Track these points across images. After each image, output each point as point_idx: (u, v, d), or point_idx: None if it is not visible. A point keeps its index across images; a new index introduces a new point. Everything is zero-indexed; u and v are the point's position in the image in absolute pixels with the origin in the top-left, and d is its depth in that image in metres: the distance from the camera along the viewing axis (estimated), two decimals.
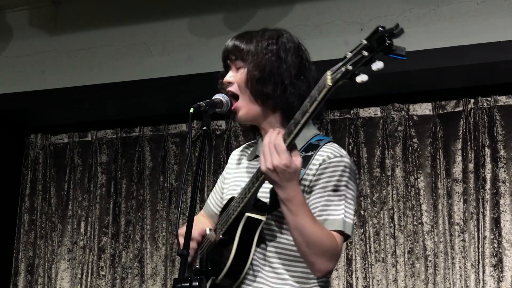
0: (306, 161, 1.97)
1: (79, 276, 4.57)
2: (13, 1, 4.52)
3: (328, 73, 1.71)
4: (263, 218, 1.93)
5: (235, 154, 2.31)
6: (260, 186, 1.92)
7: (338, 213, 1.89)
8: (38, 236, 4.72)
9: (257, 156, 2.12)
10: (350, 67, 1.64)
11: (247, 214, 1.92)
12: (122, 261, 4.51)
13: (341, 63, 1.68)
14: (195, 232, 2.09)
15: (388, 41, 1.56)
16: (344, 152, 2.00)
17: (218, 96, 2.09)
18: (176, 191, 4.54)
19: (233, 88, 2.07)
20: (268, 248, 1.98)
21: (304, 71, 2.06)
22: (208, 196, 2.43)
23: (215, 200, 2.31)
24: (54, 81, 4.45)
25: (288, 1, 4.11)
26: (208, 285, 2.02)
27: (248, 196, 1.93)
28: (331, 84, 1.70)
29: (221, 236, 2.01)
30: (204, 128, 1.98)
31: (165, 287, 4.35)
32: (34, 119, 4.81)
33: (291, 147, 1.81)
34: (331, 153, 1.96)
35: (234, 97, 2.05)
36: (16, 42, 4.63)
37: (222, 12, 4.17)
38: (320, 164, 1.95)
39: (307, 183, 1.97)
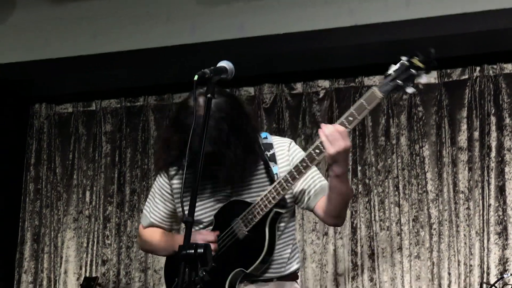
0: (273, 158, 2.43)
1: (85, 245, 4.63)
2: None
3: (375, 88, 2.10)
4: (284, 211, 2.36)
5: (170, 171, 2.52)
6: (289, 190, 2.33)
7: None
8: (44, 205, 4.76)
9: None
10: (400, 83, 2.08)
11: (275, 209, 2.32)
12: (127, 230, 4.54)
13: (388, 79, 2.10)
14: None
15: (434, 64, 2.07)
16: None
17: (223, 63, 2.16)
18: None
19: None
20: (281, 235, 2.43)
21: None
22: None
23: (159, 214, 2.53)
24: (58, 50, 4.43)
25: None
26: (230, 276, 2.35)
27: (278, 198, 2.29)
28: (382, 96, 2.10)
29: (246, 233, 2.34)
30: (209, 95, 2.04)
31: None
32: (38, 89, 4.79)
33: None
34: (281, 140, 2.49)
35: None
36: (20, 11, 4.58)
37: None
38: (288, 150, 2.44)
39: (287, 168, 2.36)
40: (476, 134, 3.99)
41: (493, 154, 3.94)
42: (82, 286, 4.16)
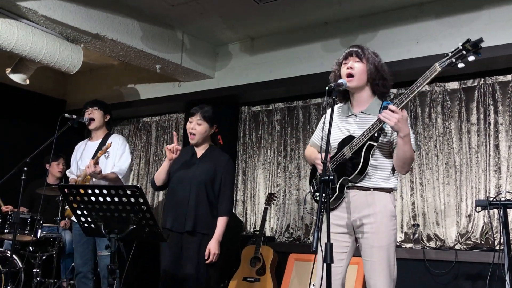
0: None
1: (268, 176, 4.94)
2: (230, 38, 4.65)
3: (437, 63, 1.81)
4: (375, 144, 2.08)
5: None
6: (376, 130, 2.00)
7: (412, 141, 2.06)
8: (247, 157, 5.12)
9: (352, 114, 2.16)
10: (454, 60, 1.78)
11: (368, 142, 2.06)
12: (289, 169, 4.80)
13: (446, 58, 1.79)
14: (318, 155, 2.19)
15: (480, 47, 1.73)
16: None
17: (341, 80, 2.14)
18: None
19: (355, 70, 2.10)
20: (375, 161, 2.12)
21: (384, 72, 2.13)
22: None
23: (318, 138, 2.37)
24: (250, 79, 4.64)
25: None
26: (340, 181, 2.12)
27: (369, 134, 2.03)
28: (440, 69, 1.81)
29: (351, 155, 2.10)
30: (334, 97, 2.02)
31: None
32: (243, 99, 5.01)
33: (401, 108, 1.93)
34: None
35: (351, 75, 2.12)
36: (235, 59, 4.81)
37: None
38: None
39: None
40: (482, 115, 4.02)
41: (491, 126, 3.95)
42: (267, 197, 4.53)
